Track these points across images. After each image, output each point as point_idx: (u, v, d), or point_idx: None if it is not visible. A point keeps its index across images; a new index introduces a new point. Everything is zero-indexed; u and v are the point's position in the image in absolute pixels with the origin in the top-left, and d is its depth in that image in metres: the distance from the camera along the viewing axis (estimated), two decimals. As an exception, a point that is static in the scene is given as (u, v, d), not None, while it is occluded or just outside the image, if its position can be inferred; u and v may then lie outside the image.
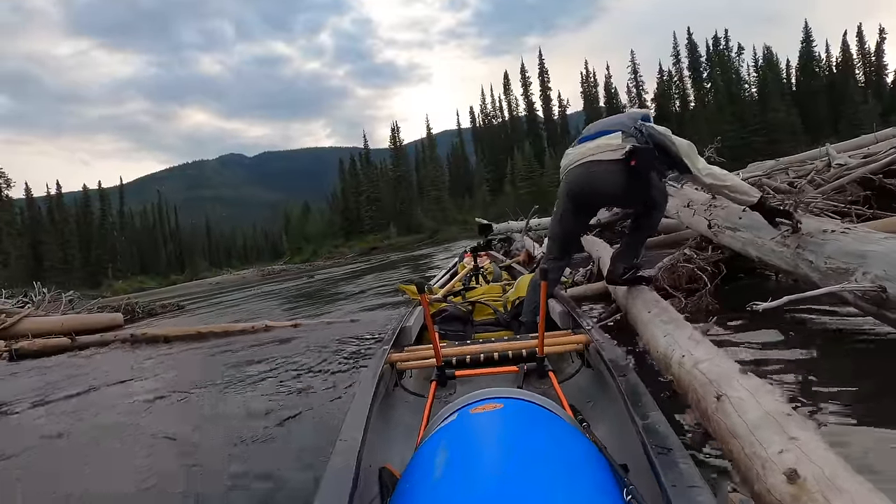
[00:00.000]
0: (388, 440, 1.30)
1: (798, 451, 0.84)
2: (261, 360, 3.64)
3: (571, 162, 2.38)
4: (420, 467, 0.74)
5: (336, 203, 66.57)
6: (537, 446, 0.72)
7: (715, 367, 1.26)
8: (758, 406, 1.00)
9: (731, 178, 2.32)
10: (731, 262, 3.20)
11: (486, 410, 0.82)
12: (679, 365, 1.46)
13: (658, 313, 1.97)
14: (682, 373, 1.40)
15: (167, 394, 3.15)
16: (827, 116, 50.70)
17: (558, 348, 1.69)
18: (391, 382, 1.61)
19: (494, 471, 0.65)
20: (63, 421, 2.90)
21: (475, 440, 0.76)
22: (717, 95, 52.87)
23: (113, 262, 59.32)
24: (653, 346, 1.80)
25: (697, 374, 1.28)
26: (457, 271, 4.10)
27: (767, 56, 55.28)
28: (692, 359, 1.37)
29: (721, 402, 1.10)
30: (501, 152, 57.69)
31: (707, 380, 1.22)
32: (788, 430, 0.90)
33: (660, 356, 1.70)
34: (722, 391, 1.12)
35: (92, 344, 5.78)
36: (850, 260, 1.80)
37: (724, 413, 1.08)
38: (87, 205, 61.88)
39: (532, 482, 0.61)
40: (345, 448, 0.94)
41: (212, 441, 2.15)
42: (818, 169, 5.05)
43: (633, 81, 59.65)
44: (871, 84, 55.76)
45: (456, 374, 1.51)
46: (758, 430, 0.94)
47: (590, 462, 0.70)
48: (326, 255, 48.96)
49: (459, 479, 0.65)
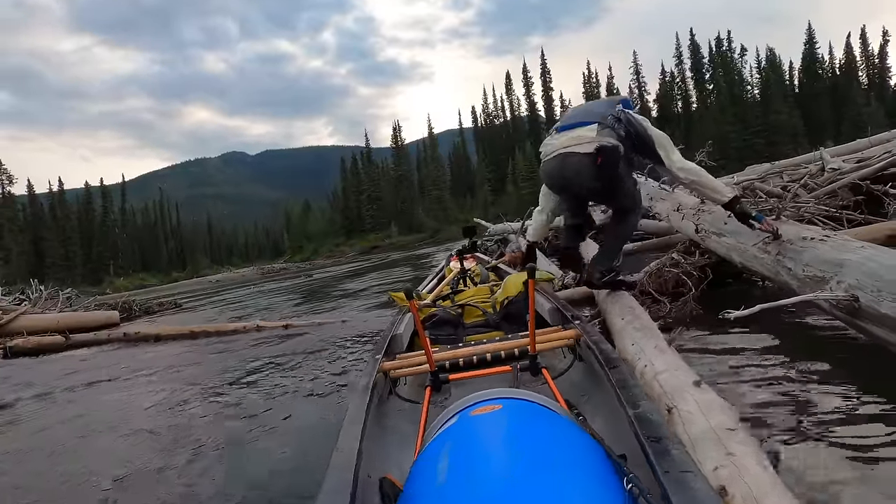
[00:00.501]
0: (385, 449, 1.29)
1: (732, 467, 0.85)
2: (251, 360, 3.66)
3: (548, 153, 2.42)
4: (423, 474, 0.74)
5: (337, 202, 66.62)
6: (540, 445, 0.72)
7: (672, 378, 1.26)
8: (704, 420, 1.01)
9: (703, 175, 2.37)
10: (719, 267, 3.19)
11: (485, 412, 0.83)
12: (641, 375, 1.46)
13: (631, 320, 1.97)
14: (644, 383, 1.40)
15: (155, 392, 3.16)
16: (829, 119, 50.54)
17: (550, 345, 1.69)
18: (385, 391, 1.60)
19: (500, 472, 0.66)
20: (48, 417, 2.92)
21: (478, 443, 0.77)
22: (720, 97, 52.73)
23: (114, 259, 59.52)
24: (622, 354, 1.80)
25: (655, 386, 1.28)
26: (444, 275, 4.09)
27: (770, 57, 55.14)
28: (653, 369, 1.38)
29: (671, 415, 1.10)
30: (503, 152, 57.65)
31: (663, 391, 1.22)
32: (728, 446, 0.90)
33: (629, 364, 1.70)
34: (673, 403, 1.13)
35: (86, 343, 5.80)
36: (827, 268, 1.80)
37: (672, 425, 1.08)
38: (88, 202, 62.06)
39: (539, 481, 0.62)
40: (342, 459, 0.93)
41: (195, 440, 2.16)
42: (812, 173, 5.04)
43: (635, 82, 59.57)
44: (874, 86, 55.57)
45: (450, 378, 1.51)
46: (698, 444, 0.94)
47: (591, 455, 0.71)
48: (327, 254, 49.07)
49: (465, 483, 0.65)
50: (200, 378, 3.38)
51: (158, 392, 3.17)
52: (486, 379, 1.55)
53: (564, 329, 1.77)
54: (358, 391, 1.34)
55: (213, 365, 3.76)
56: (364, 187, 59.41)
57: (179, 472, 1.85)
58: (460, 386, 1.62)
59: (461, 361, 1.65)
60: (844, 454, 1.22)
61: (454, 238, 36.71)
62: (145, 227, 70.64)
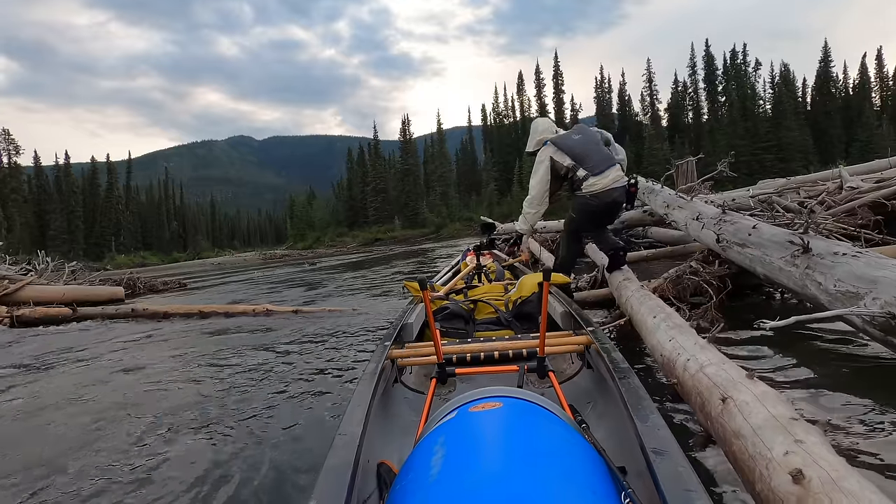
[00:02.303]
0: (387, 435, 1.30)
1: (804, 453, 0.84)
2: (259, 344, 3.67)
3: (599, 189, 3.21)
4: (417, 464, 0.74)
5: (341, 192, 66.53)
6: (535, 446, 0.71)
7: (721, 371, 1.26)
8: (763, 409, 1.00)
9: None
10: (737, 278, 3.19)
11: (484, 409, 0.82)
12: (684, 369, 1.45)
13: (664, 318, 1.98)
14: (687, 376, 1.39)
15: (161, 369, 3.17)
16: (840, 138, 50.40)
17: (559, 349, 1.68)
18: (391, 378, 1.60)
19: (491, 470, 0.65)
20: (52, 390, 2.93)
21: (473, 439, 0.76)
22: (731, 109, 52.53)
23: (116, 235, 59.57)
24: (657, 351, 1.80)
25: (703, 378, 1.28)
26: (459, 269, 4.09)
27: (784, 73, 54.86)
28: (697, 363, 1.37)
29: (726, 405, 1.10)
30: (511, 153, 57.48)
31: (713, 383, 1.21)
32: (794, 433, 0.90)
33: (665, 360, 1.70)
34: (728, 394, 1.12)
35: (93, 316, 5.81)
36: (861, 284, 1.79)
37: (728, 415, 1.08)
38: (94, 176, 62.04)
39: (529, 482, 0.61)
40: (344, 442, 0.94)
41: (201, 420, 2.16)
42: (829, 190, 5.03)
43: (647, 90, 59.36)
44: (886, 109, 55.35)
45: (456, 372, 1.50)
46: (762, 432, 0.94)
47: (588, 463, 0.69)
48: (329, 243, 48.99)
49: (455, 477, 0.65)
50: (208, 357, 3.39)
51: (161, 369, 3.18)
52: (492, 376, 1.55)
53: (575, 334, 1.76)
54: (365, 376, 1.34)
55: (222, 345, 3.77)
56: (370, 179, 59.27)
57: (172, 458, 1.82)
58: (466, 381, 1.63)
59: (468, 356, 1.66)
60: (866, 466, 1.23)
61: (457, 236, 36.75)
62: (149, 205, 70.71)
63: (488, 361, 1.66)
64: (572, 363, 1.82)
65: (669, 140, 53.07)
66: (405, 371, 1.77)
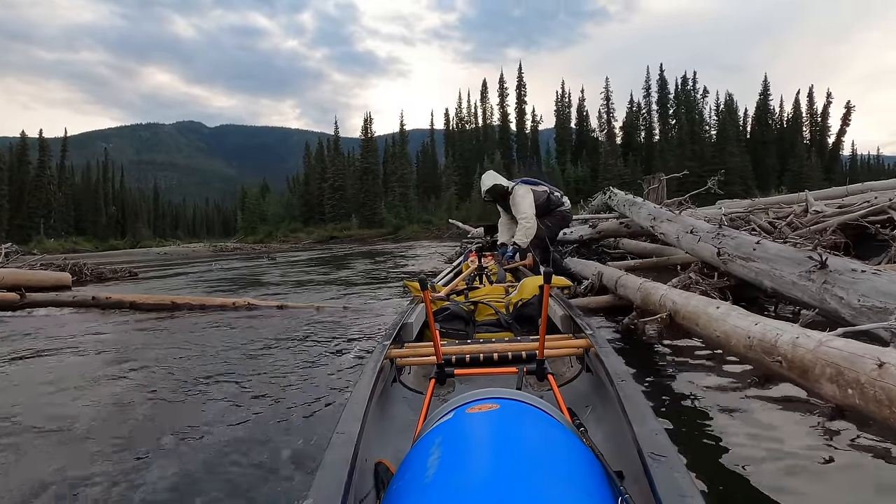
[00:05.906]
0: (384, 435, 1.29)
1: None
2: (242, 341, 3.44)
3: (567, 208, 4.80)
4: (414, 464, 0.73)
5: (297, 186, 64.74)
6: (532, 449, 0.71)
7: (847, 343, 1.33)
8: None
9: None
10: (737, 291, 3.34)
11: (482, 411, 0.82)
12: (793, 346, 1.52)
13: (729, 307, 2.08)
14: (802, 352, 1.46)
15: (124, 363, 2.93)
16: (774, 167, 54.49)
17: (559, 352, 1.69)
18: (390, 378, 1.59)
19: (487, 472, 0.64)
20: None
21: (469, 440, 0.75)
22: (681, 132, 55.60)
23: (46, 218, 55.03)
24: (735, 336, 1.89)
25: (831, 351, 1.34)
26: (461, 270, 4.07)
27: (728, 102, 58.77)
28: (813, 339, 1.44)
29: (883, 369, 1.15)
30: (471, 158, 58.09)
31: (850, 352, 1.27)
32: None
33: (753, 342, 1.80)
34: (883, 359, 1.18)
35: (45, 303, 5.32)
36: (888, 300, 1.92)
37: (891, 377, 1.13)
38: (23, 153, 56.97)
39: (524, 485, 0.61)
40: (341, 441, 0.93)
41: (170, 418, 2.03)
42: (796, 213, 5.41)
43: (604, 107, 61.74)
44: (815, 143, 60.44)
45: (455, 373, 1.49)
46: None
47: (584, 467, 0.69)
48: (282, 239, 47.46)
49: (451, 479, 0.64)
50: (179, 354, 3.14)
51: (125, 363, 2.94)
52: (492, 378, 1.56)
53: (575, 338, 1.78)
54: (364, 375, 1.32)
55: (194, 341, 3.48)
56: (328, 175, 58.06)
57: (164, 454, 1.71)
58: (465, 382, 1.63)
59: (468, 357, 1.65)
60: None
61: (414, 238, 36.49)
62: (84, 187, 65.75)
63: (487, 363, 1.66)
64: (571, 366, 1.83)
65: (623, 157, 55.42)
66: (404, 371, 1.76)
